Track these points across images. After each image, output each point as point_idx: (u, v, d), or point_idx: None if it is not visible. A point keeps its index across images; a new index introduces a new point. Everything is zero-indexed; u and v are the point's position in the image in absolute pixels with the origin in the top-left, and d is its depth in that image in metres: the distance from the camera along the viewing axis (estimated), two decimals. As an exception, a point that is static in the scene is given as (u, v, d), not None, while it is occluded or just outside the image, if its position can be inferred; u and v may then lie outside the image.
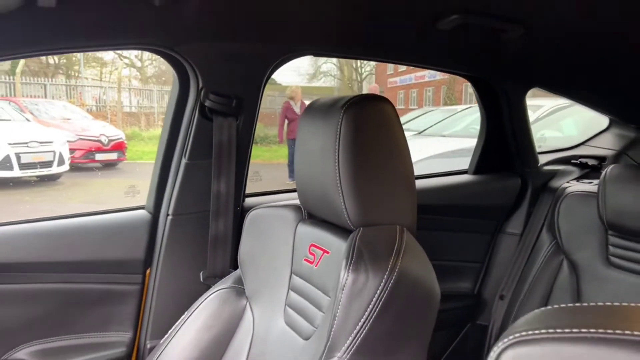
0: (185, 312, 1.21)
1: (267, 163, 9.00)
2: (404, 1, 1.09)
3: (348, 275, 0.85)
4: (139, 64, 20.18)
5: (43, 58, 17.75)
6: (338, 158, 0.92)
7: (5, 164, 7.17)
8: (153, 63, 18.96)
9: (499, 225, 1.80)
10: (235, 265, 1.29)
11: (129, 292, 1.33)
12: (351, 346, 0.82)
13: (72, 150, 8.24)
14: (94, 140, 9.06)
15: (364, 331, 0.82)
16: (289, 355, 1.03)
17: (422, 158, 5.05)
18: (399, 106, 20.16)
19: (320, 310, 0.99)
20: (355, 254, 0.87)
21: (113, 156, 9.26)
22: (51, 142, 7.82)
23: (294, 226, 1.14)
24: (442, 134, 6.39)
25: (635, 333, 0.42)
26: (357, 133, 0.93)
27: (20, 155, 7.26)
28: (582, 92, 1.71)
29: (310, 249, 1.07)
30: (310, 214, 1.13)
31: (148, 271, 1.35)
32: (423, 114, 9.37)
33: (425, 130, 7.09)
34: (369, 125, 0.95)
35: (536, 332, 0.47)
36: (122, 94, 15.82)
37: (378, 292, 0.83)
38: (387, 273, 0.83)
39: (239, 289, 1.22)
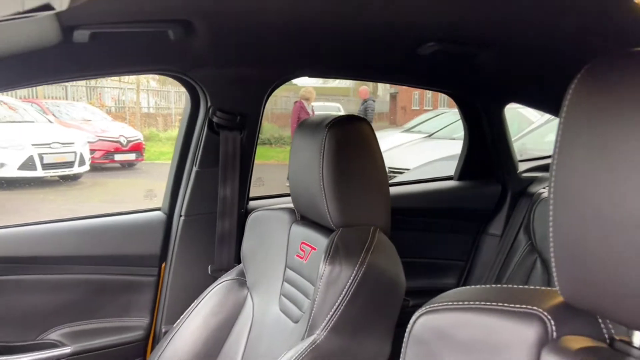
0: (195, 301, 1.40)
1: (281, 164, 9.13)
2: (388, 30, 1.26)
3: (325, 267, 1.03)
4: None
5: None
6: (322, 169, 1.10)
7: (29, 164, 7.37)
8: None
9: (481, 227, 1.96)
10: (238, 260, 1.47)
11: (147, 283, 1.53)
12: (327, 325, 1.00)
13: (92, 151, 8.45)
14: (114, 141, 9.27)
15: (338, 313, 1.00)
16: (282, 336, 1.21)
17: (430, 160, 5.19)
18: (414, 107, 20.14)
19: (307, 298, 1.17)
20: (332, 250, 1.05)
21: (132, 157, 9.44)
22: (72, 143, 8.05)
23: (289, 226, 1.32)
24: (451, 137, 6.47)
25: (511, 305, 0.59)
26: (338, 148, 1.10)
27: (43, 155, 7.48)
28: (555, 104, 1.86)
29: (301, 246, 1.25)
30: (302, 216, 1.31)
31: (163, 265, 1.55)
32: (434, 116, 9.46)
33: (435, 133, 7.21)
34: (348, 142, 1.12)
35: (443, 304, 0.65)
36: (140, 95, 16.13)
37: (350, 281, 1.01)
38: (357, 266, 1.01)
39: (241, 281, 1.41)
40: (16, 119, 8.45)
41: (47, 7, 0.66)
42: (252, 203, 1.65)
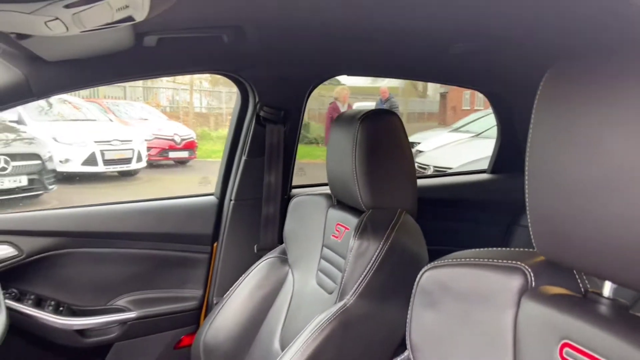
0: (242, 276, 1.57)
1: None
2: (419, 31, 1.37)
3: (355, 242, 1.17)
4: (210, 67, 21.11)
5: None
6: (355, 157, 1.24)
7: (91, 160, 7.80)
8: (223, 66, 19.81)
9: (513, 219, 2.04)
10: (280, 240, 1.63)
11: (200, 259, 1.72)
12: (356, 291, 1.14)
13: (148, 149, 8.85)
14: (168, 140, 9.67)
15: (365, 281, 1.14)
16: (317, 305, 1.36)
17: (476, 158, 5.21)
18: (464, 107, 19.82)
19: (340, 272, 1.31)
20: (362, 227, 1.19)
21: (185, 154, 9.81)
22: (131, 140, 8.47)
23: (326, 210, 1.46)
24: (498, 136, 6.40)
25: (499, 261, 0.72)
26: (369, 139, 1.24)
27: (104, 152, 7.90)
28: None
29: (337, 227, 1.40)
30: (338, 200, 1.45)
31: (215, 244, 1.73)
32: (484, 116, 9.37)
33: (482, 132, 7.17)
34: (378, 133, 1.26)
35: (444, 261, 0.78)
36: (193, 95, 16.70)
37: (376, 254, 1.14)
38: (382, 241, 1.15)
39: (283, 258, 1.57)
40: (80, 117, 8.98)
41: (130, 18, 0.84)
42: (294, 191, 1.81)
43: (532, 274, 0.67)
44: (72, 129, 8.20)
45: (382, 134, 1.26)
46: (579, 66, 0.58)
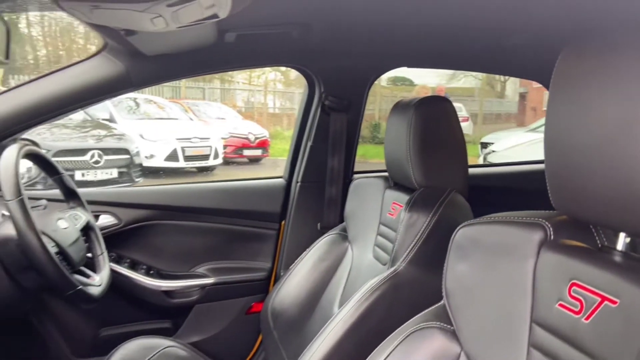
0: (306, 250, 1.73)
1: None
2: (475, 22, 1.46)
3: (405, 214, 1.29)
4: (283, 68, 21.75)
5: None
6: (409, 140, 1.36)
7: (173, 156, 8.31)
8: (296, 67, 20.31)
9: None
10: (341, 219, 1.78)
11: (269, 235, 1.90)
12: (406, 258, 1.27)
13: (225, 146, 9.31)
14: (243, 138, 10.10)
15: (415, 250, 1.26)
16: (373, 276, 1.49)
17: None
18: (545, 107, 19.02)
19: (392, 244, 1.44)
20: (412, 201, 1.31)
21: (258, 152, 10.19)
22: (209, 138, 8.94)
23: (383, 190, 1.59)
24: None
25: (523, 218, 0.82)
26: (422, 123, 1.35)
27: (185, 149, 8.39)
28: None
29: (392, 206, 1.52)
30: (394, 182, 1.57)
31: (283, 222, 1.91)
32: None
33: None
34: (432, 117, 1.37)
35: (477, 220, 0.89)
36: (267, 96, 17.26)
37: (424, 225, 1.26)
38: (431, 214, 1.26)
39: (344, 235, 1.71)
40: (163, 116, 9.61)
41: (215, 15, 1.02)
42: (355, 176, 1.95)
43: (551, 229, 0.77)
44: (157, 127, 8.75)
45: (435, 119, 1.37)
46: (588, 47, 0.68)
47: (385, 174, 1.62)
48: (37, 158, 1.32)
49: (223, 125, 10.48)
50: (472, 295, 0.86)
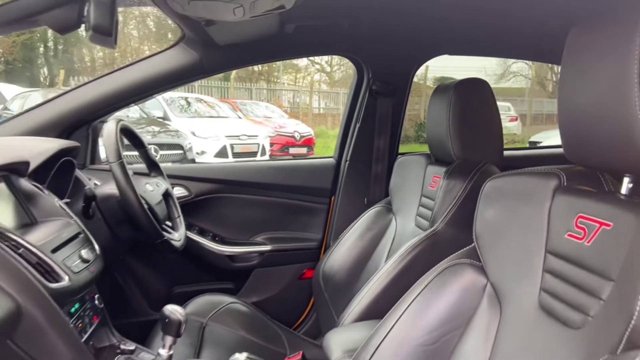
0: (353, 222, 1.91)
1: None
2: (518, 9, 1.57)
3: (444, 181, 1.46)
4: (328, 69, 21.99)
5: (249, 67, 20.56)
6: (449, 117, 1.52)
7: (223, 152, 8.62)
8: (341, 68, 20.54)
9: None
10: (386, 194, 1.95)
11: (321, 209, 2.10)
12: (444, 220, 1.44)
13: (271, 144, 9.59)
14: (289, 136, 10.37)
15: (451, 213, 1.43)
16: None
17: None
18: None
19: (432, 210, 1.60)
20: (451, 170, 1.48)
21: (303, 150, 10.41)
22: (256, 136, 9.24)
23: (425, 166, 1.75)
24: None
25: (542, 169, 0.98)
26: (460, 102, 1.51)
27: (234, 145, 8.70)
28: None
29: (433, 179, 1.68)
30: (435, 158, 1.74)
31: (332, 198, 2.10)
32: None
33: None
34: (469, 97, 1.52)
35: (502, 173, 1.05)
36: (312, 96, 17.54)
37: (460, 191, 1.42)
38: (467, 181, 1.42)
39: (388, 208, 1.89)
40: (213, 114, 10.00)
41: (282, 7, 1.22)
42: (400, 155, 2.13)
43: (564, 177, 0.92)
44: (207, 124, 9.11)
45: (472, 98, 1.53)
46: (589, 26, 0.83)
47: (427, 152, 1.79)
48: (128, 132, 1.56)
49: (270, 124, 10.79)
50: (498, 235, 1.02)
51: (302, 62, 21.79)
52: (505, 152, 1.58)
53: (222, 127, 9.04)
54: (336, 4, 1.54)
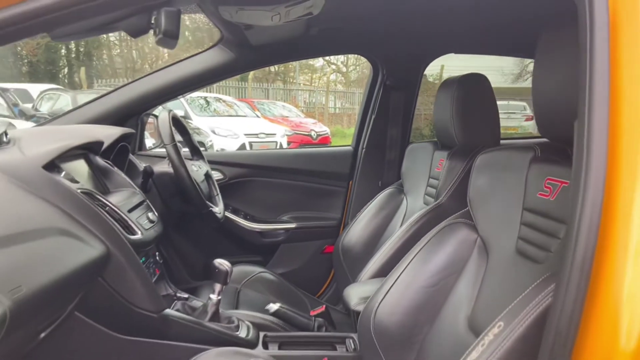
0: (369, 202, 2.15)
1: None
2: (524, 7, 1.79)
3: (447, 161, 1.70)
4: (344, 69, 22.23)
5: (266, 68, 20.87)
6: (453, 107, 1.76)
7: (242, 150, 8.89)
8: (357, 68, 20.78)
9: None
10: (398, 177, 2.19)
11: (340, 192, 2.35)
12: (446, 195, 1.67)
13: (288, 142, 9.86)
14: (306, 135, 10.63)
15: (453, 188, 1.66)
16: None
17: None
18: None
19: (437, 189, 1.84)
20: (453, 152, 1.72)
21: (319, 149, 10.65)
22: (274, 134, 9.51)
23: (432, 151, 1.99)
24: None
25: (520, 145, 1.21)
26: (462, 93, 1.74)
27: (252, 143, 8.98)
28: None
29: (439, 162, 1.92)
30: (442, 145, 1.97)
31: (350, 182, 2.35)
32: None
33: None
34: (470, 89, 1.75)
35: (489, 149, 1.29)
36: (329, 96, 17.80)
37: (460, 170, 1.66)
38: (467, 161, 1.66)
39: (400, 189, 2.13)
40: (232, 113, 10.31)
41: (310, 13, 1.47)
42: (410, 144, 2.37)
43: (539, 150, 1.16)
44: (226, 123, 9.40)
45: (473, 91, 1.76)
46: (555, 29, 1.07)
47: (434, 140, 2.02)
48: (176, 121, 1.82)
49: (287, 123, 11.06)
50: (486, 198, 1.26)
51: (318, 62, 22.03)
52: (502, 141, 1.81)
53: (241, 125, 9.37)
54: (354, 10, 1.79)
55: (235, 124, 9.42)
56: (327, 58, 20.81)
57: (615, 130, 0.66)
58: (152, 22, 1.33)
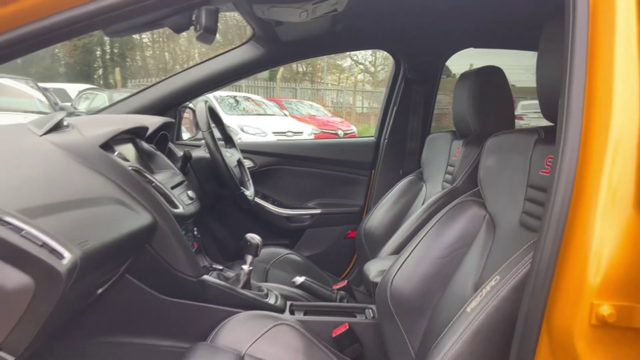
0: (390, 189, 2.28)
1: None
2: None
3: (462, 148, 1.82)
4: (372, 69, 22.29)
5: (293, 67, 21.10)
6: (470, 98, 1.87)
7: (270, 146, 9.05)
8: (385, 68, 20.82)
9: None
10: (418, 166, 2.31)
11: (363, 180, 2.48)
12: (462, 178, 1.79)
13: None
14: (333, 133, 10.77)
15: (467, 173, 1.78)
16: None
17: None
18: None
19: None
20: (469, 140, 1.83)
21: (346, 147, 10.77)
22: (301, 132, 9.67)
23: (451, 141, 2.11)
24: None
25: (525, 130, 1.32)
26: (479, 85, 1.85)
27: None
28: None
29: (457, 150, 2.03)
30: (459, 134, 2.08)
31: (373, 171, 2.48)
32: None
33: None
34: (486, 82, 1.86)
35: (498, 133, 1.41)
36: (356, 96, 17.91)
37: (475, 156, 1.77)
38: (480, 148, 1.77)
39: (420, 177, 2.25)
40: (261, 112, 10.54)
41: (335, 10, 1.61)
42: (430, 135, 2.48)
43: (543, 133, 1.27)
44: (255, 121, 9.62)
45: (489, 82, 1.87)
46: (559, 24, 1.18)
47: (452, 129, 2.13)
48: (211, 111, 1.98)
49: (314, 121, 11.23)
50: (494, 178, 1.38)
51: (346, 62, 22.15)
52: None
53: (269, 124, 9.57)
54: (376, 7, 1.92)
55: (263, 122, 9.63)
56: (355, 58, 20.88)
57: (591, 101, 0.78)
58: (193, 19, 1.49)
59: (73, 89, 11.15)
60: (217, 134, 2.21)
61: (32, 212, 0.94)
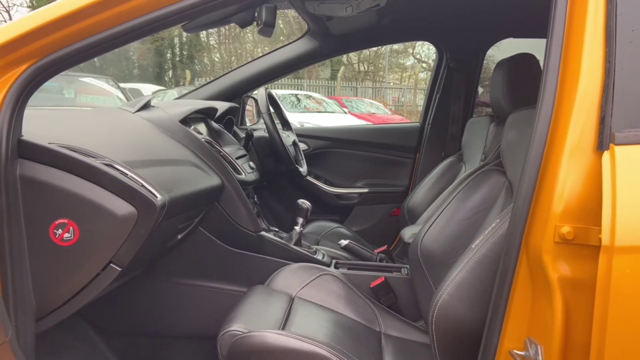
0: (432, 170, 2.47)
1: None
2: None
3: (494, 128, 1.99)
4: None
5: (355, 67, 21.31)
6: (504, 82, 2.03)
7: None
8: (446, 66, 20.60)
9: None
10: (459, 148, 2.49)
11: (408, 162, 2.69)
12: (494, 155, 1.96)
13: (374, 137, 10.19)
14: (391, 130, 10.91)
15: (496, 150, 1.95)
16: None
17: None
18: None
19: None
20: (499, 120, 2.00)
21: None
22: (360, 129, 9.89)
23: (489, 124, 2.27)
24: None
25: None
26: (513, 71, 2.02)
27: (339, 137, 9.42)
28: None
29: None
30: (496, 117, 2.24)
31: (417, 154, 2.68)
32: None
33: None
34: (519, 68, 2.02)
35: (519, 109, 1.59)
36: (417, 94, 17.88)
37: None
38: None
39: (460, 158, 2.43)
40: (321, 110, 10.87)
41: (378, 5, 1.84)
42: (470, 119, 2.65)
43: None
44: (315, 118, 9.95)
45: (521, 68, 2.03)
46: None
47: (491, 114, 2.30)
48: (271, 97, 2.27)
49: (374, 119, 11.42)
50: (513, 149, 1.56)
51: (409, 61, 22.10)
52: None
53: (328, 120, 9.85)
54: (419, 1, 2.13)
55: (323, 119, 9.93)
56: (417, 56, 20.81)
57: (565, 69, 0.98)
58: (256, 15, 1.76)
59: (146, 89, 12.00)
60: (276, 119, 2.50)
61: (133, 164, 1.24)
